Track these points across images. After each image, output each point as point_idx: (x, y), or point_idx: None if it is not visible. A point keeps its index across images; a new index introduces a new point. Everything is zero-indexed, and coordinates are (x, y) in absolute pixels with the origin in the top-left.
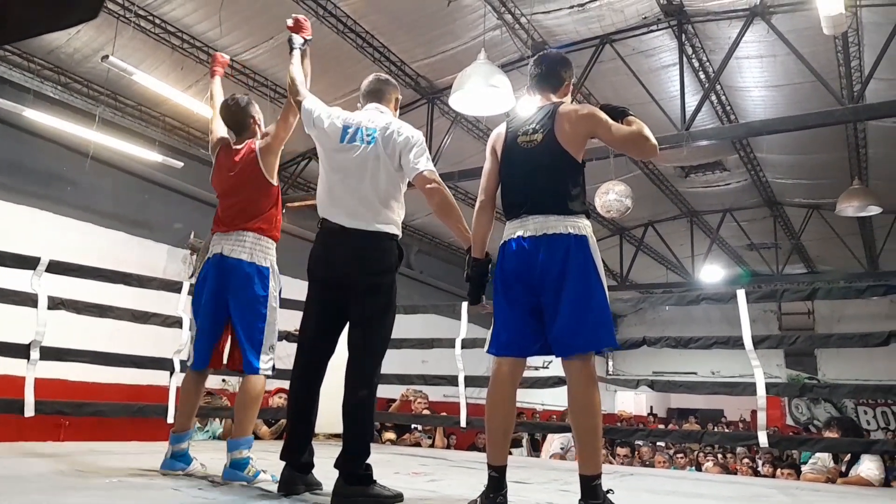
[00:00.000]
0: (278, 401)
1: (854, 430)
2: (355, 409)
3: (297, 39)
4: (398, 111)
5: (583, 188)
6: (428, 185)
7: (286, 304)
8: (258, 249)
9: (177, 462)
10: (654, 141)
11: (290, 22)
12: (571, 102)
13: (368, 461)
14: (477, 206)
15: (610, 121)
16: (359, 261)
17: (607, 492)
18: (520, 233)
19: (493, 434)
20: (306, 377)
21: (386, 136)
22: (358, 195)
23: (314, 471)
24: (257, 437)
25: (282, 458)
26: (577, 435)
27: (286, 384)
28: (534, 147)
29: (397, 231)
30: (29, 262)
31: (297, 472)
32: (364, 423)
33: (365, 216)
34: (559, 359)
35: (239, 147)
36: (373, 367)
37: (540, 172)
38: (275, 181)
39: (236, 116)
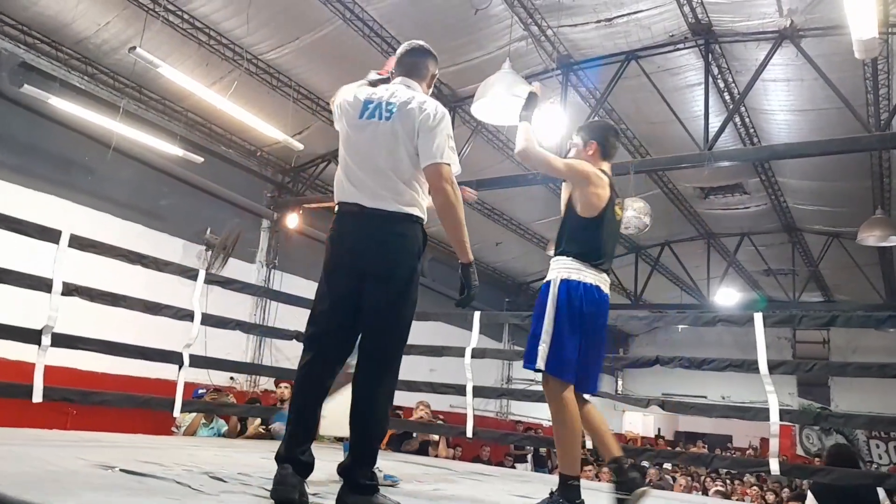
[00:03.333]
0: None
1: (843, 459)
2: (367, 415)
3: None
4: (431, 89)
5: None
6: (440, 183)
7: (301, 302)
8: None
9: None
10: None
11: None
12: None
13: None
14: None
15: None
16: (378, 245)
17: None
18: (601, 285)
19: (574, 448)
20: (317, 376)
21: (406, 110)
22: (376, 173)
23: (313, 476)
24: (246, 436)
25: (278, 458)
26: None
27: None
28: (619, 220)
29: (422, 214)
30: (51, 235)
31: (296, 472)
32: (375, 430)
33: (384, 196)
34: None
35: None
36: (387, 367)
37: (617, 242)
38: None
39: None
